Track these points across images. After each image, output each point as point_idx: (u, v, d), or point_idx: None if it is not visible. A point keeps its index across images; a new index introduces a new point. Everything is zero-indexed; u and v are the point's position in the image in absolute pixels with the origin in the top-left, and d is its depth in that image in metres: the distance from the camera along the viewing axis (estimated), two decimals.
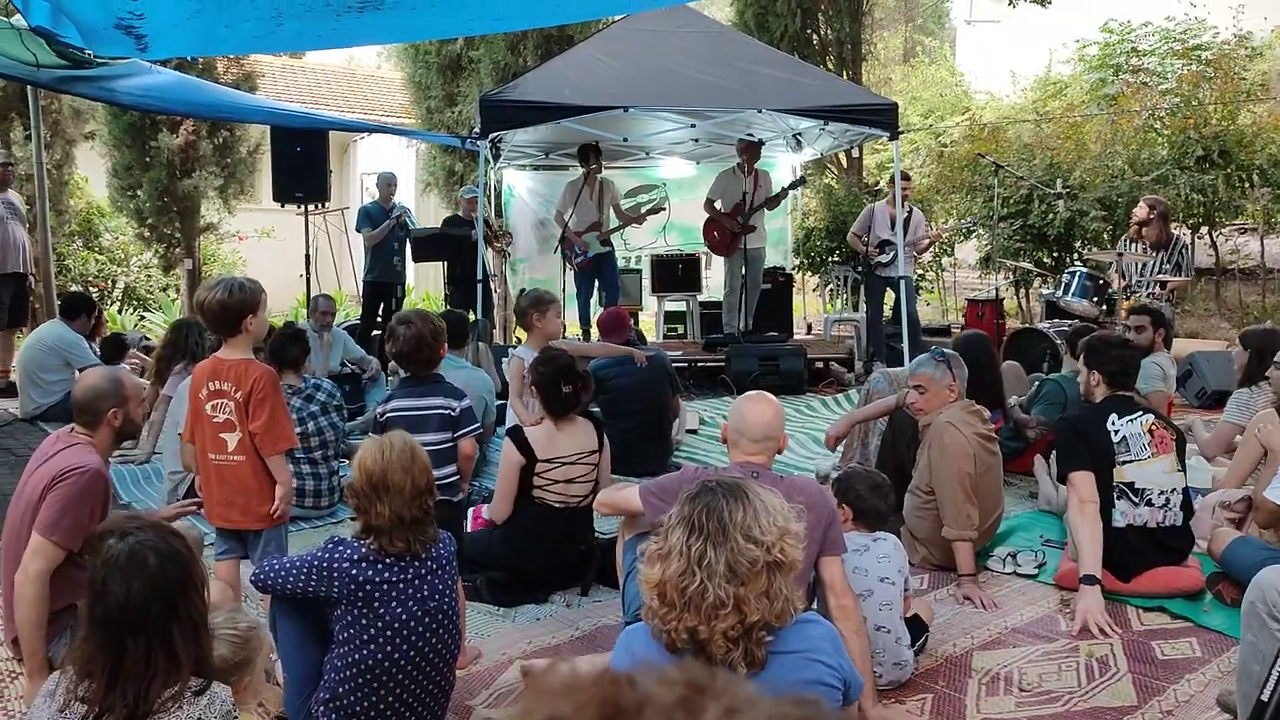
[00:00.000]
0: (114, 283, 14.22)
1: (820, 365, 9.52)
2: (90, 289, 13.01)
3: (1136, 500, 3.91)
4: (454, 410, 3.54)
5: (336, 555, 2.70)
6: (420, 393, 3.61)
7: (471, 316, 7.88)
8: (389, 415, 3.60)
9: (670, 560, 2.05)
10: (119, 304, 13.97)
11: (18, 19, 5.84)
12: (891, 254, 8.90)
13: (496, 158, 9.82)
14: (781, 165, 11.54)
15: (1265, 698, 2.08)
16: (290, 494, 3.39)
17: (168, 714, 1.96)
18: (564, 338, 9.06)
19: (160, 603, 2.01)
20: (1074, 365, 5.72)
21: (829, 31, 13.39)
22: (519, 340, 7.38)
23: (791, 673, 2.02)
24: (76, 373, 7.18)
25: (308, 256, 9.57)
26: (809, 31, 13.26)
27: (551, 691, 0.50)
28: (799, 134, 10.10)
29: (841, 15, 13.28)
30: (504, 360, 5.64)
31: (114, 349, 7.97)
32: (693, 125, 9.74)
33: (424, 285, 14.47)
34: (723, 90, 8.34)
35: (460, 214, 10.00)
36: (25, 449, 6.82)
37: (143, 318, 13.69)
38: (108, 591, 2.00)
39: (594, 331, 9.81)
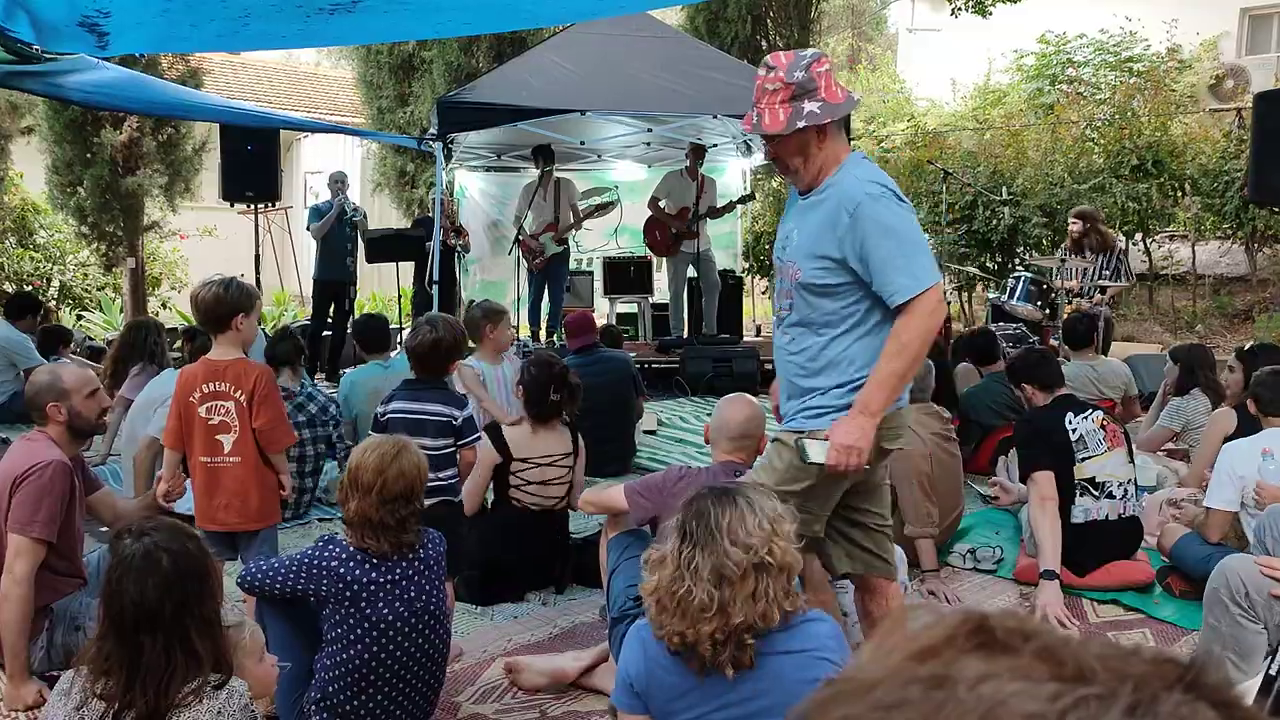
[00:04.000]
0: (49, 281, 13.89)
1: (770, 367, 9.65)
2: (25, 288, 12.71)
3: (1098, 494, 4.07)
4: (456, 419, 3.57)
5: (326, 554, 2.72)
6: (421, 397, 3.63)
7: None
8: (388, 416, 3.62)
9: (665, 566, 2.10)
10: (55, 303, 13.66)
11: None
12: None
13: (449, 158, 9.81)
14: (732, 170, 11.67)
15: (1273, 673, 2.21)
16: (290, 481, 3.50)
17: (188, 709, 1.98)
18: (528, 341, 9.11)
19: (174, 601, 2.04)
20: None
21: (778, 38, 13.56)
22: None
23: (798, 671, 2.08)
24: (22, 373, 7.05)
25: (258, 256, 9.47)
26: (758, 38, 13.43)
27: (915, 624, 0.56)
28: (750, 140, 10.23)
29: (790, 22, 13.47)
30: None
31: (51, 340, 7.84)
32: (649, 130, 9.83)
33: (372, 286, 14.35)
34: (678, 95, 8.44)
35: (430, 215, 9.98)
36: None
37: (80, 317, 13.40)
38: (123, 590, 2.03)
39: (543, 333, 9.88)
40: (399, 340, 8.57)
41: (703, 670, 2.07)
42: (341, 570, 2.69)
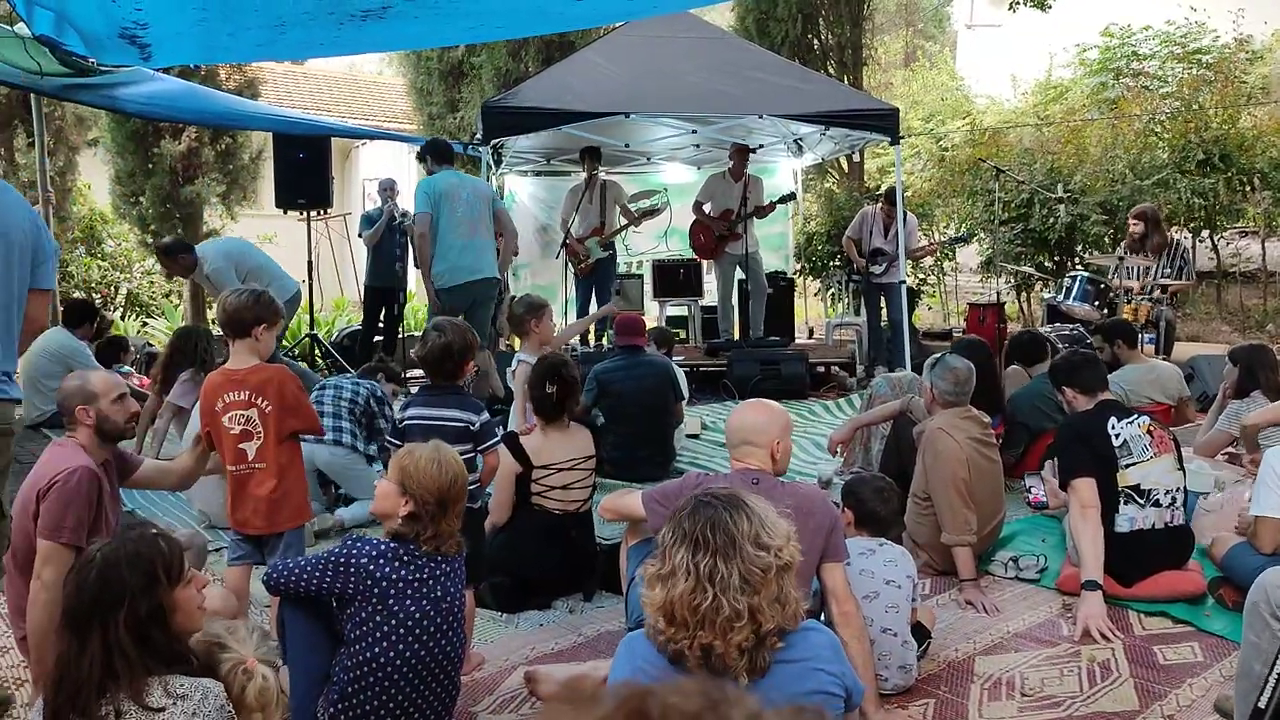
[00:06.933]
0: (117, 289, 14.25)
1: (822, 370, 9.53)
2: (93, 296, 13.05)
3: (1143, 502, 3.90)
4: (474, 424, 3.54)
5: (355, 551, 2.74)
6: (438, 402, 3.60)
7: None
8: (406, 423, 3.61)
9: (676, 580, 2.03)
10: (122, 310, 14.01)
11: (21, 27, 5.86)
12: (884, 264, 8.98)
13: (498, 163, 9.85)
14: (782, 170, 11.56)
15: (1262, 704, 2.08)
16: None
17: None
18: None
19: (68, 627, 2.11)
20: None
21: (830, 36, 13.41)
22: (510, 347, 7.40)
23: (794, 682, 2.03)
24: None
25: (310, 263, 9.60)
26: (810, 37, 13.29)
27: (574, 704, 0.51)
28: (800, 139, 10.11)
29: (842, 20, 13.31)
30: (509, 369, 5.67)
31: (110, 350, 7.99)
32: (694, 131, 9.77)
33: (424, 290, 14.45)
34: (724, 96, 8.37)
35: None
36: (29, 455, 6.82)
37: (145, 324, 13.72)
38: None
39: (591, 336, 9.87)
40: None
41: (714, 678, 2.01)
42: (371, 567, 2.71)
